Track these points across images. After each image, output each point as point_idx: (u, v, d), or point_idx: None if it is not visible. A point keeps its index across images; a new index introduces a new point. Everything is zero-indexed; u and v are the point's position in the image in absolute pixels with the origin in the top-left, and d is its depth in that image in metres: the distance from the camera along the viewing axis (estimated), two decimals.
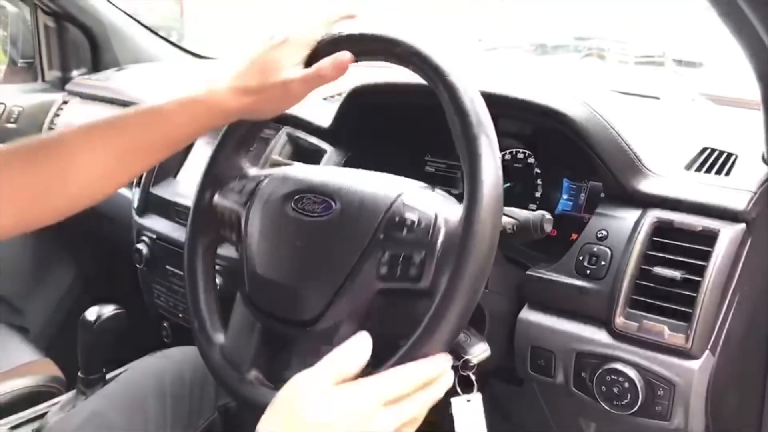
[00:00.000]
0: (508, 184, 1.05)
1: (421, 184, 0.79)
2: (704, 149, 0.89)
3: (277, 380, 0.72)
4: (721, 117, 1.13)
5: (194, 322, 0.83)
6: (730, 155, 0.87)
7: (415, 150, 1.14)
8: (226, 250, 1.01)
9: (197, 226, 0.85)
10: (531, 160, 1.04)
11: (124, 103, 1.58)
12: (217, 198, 0.84)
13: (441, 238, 0.68)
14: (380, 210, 0.72)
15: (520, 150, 1.04)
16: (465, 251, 0.63)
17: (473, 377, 0.80)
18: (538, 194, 1.02)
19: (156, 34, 1.95)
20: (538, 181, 1.03)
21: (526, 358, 0.87)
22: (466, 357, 0.79)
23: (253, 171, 0.86)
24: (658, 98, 1.15)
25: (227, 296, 0.84)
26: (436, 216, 0.70)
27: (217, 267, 0.88)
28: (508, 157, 1.06)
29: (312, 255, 0.75)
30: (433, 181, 1.11)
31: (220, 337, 0.81)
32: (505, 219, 0.77)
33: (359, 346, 0.61)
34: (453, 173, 1.12)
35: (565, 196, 1.00)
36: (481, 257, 0.63)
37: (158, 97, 1.18)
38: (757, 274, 0.80)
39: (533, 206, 1.02)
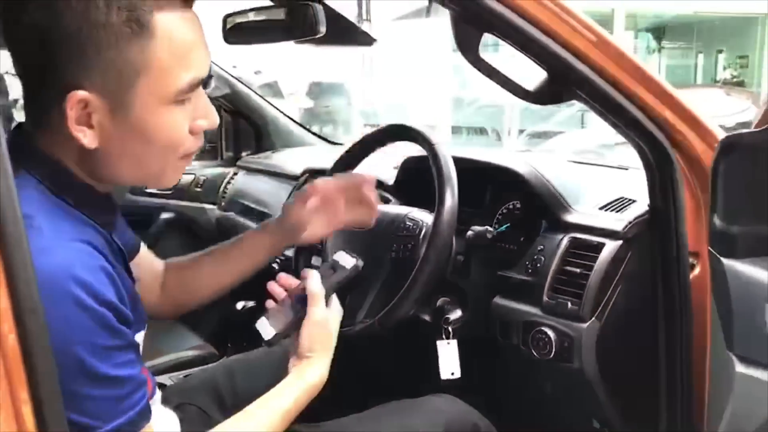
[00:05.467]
0: (508, 225, 1.54)
1: (424, 210, 1.33)
2: (620, 197, 1.35)
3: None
4: None
5: None
6: (632, 201, 1.33)
7: None
8: None
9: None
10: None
11: (276, 174, 2.24)
12: None
13: (422, 235, 1.22)
14: (394, 222, 1.28)
15: (516, 203, 1.53)
16: (430, 241, 1.17)
17: (451, 329, 1.30)
18: (524, 230, 1.51)
19: (301, 125, 2.65)
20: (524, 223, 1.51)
21: (496, 329, 1.35)
22: (447, 316, 1.31)
23: None
24: (626, 169, 1.61)
25: None
26: (422, 224, 1.25)
27: None
28: (510, 207, 1.55)
29: (361, 248, 1.30)
30: (470, 222, 1.62)
31: None
32: (468, 232, 1.29)
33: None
34: (481, 217, 1.62)
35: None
36: (439, 245, 1.17)
37: (298, 169, 1.81)
38: (637, 273, 1.24)
39: (522, 238, 1.51)
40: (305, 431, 1.09)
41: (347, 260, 1.05)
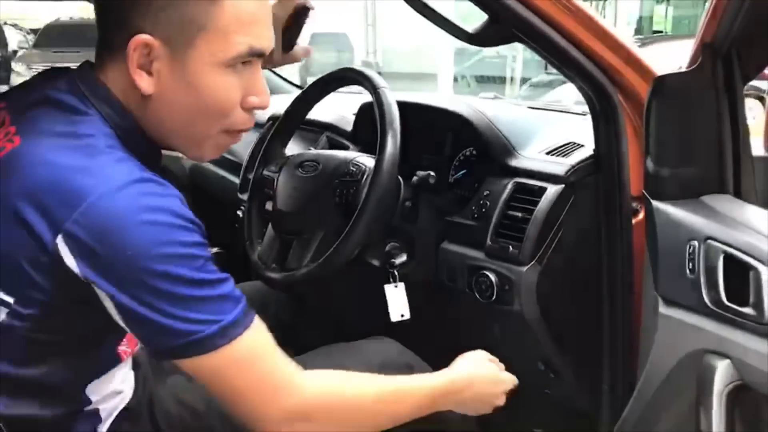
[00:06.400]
0: (464, 171, 1.54)
1: (370, 155, 1.33)
2: (567, 142, 1.35)
3: (285, 269, 1.27)
4: None
5: (247, 241, 1.41)
6: (579, 145, 1.32)
7: (412, 149, 1.66)
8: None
9: (254, 187, 1.43)
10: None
11: None
12: (265, 171, 1.41)
13: (364, 179, 1.23)
14: (339, 167, 1.28)
15: (472, 149, 1.53)
16: (371, 186, 1.17)
17: (396, 273, 1.31)
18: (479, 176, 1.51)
19: (280, 76, 2.64)
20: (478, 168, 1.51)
21: (444, 273, 1.36)
22: (393, 260, 1.32)
23: (286, 153, 1.43)
24: (585, 115, 1.59)
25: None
26: (365, 168, 1.25)
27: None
28: (467, 153, 1.55)
29: (305, 194, 1.31)
30: (428, 168, 1.60)
31: (258, 248, 1.37)
32: (414, 178, 1.29)
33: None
34: (440, 163, 1.61)
35: None
36: (380, 190, 1.17)
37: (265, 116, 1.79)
38: (580, 217, 1.24)
39: (477, 184, 1.50)
40: None
41: None
